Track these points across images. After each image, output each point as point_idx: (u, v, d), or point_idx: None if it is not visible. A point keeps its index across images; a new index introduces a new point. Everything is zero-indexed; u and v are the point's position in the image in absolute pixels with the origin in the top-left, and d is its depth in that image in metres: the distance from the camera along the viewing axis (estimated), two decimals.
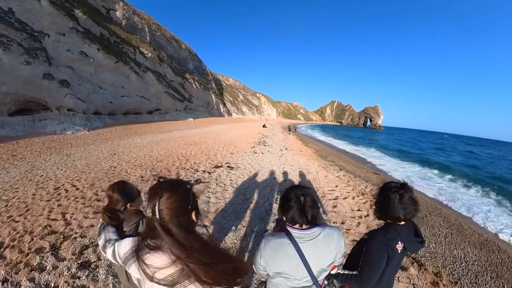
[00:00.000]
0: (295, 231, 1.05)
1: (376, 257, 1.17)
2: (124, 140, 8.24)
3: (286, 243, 1.04)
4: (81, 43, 12.99)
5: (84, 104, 11.64)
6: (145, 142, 8.43)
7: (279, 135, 18.36)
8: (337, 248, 1.10)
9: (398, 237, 1.18)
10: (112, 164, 5.01)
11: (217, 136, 12.47)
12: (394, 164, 11.93)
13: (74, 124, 10.15)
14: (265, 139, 13.90)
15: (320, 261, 1.08)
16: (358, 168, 8.37)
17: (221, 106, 49.18)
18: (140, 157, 5.68)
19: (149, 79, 20.31)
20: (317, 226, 1.07)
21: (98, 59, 13.81)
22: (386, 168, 10.34)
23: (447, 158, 17.53)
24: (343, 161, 9.59)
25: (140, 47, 20.69)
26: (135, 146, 7.35)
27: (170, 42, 29.26)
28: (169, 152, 6.63)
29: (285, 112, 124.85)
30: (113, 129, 11.10)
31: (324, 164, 7.69)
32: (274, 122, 56.88)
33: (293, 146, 11.55)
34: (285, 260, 1.05)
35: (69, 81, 11.30)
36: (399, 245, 1.18)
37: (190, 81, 33.65)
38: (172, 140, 9.27)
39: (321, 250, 1.07)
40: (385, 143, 29.56)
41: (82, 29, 13.56)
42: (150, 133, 11.36)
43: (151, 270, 0.71)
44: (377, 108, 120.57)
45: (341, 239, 1.12)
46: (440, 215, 4.24)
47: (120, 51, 16.78)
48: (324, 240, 1.06)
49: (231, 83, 73.26)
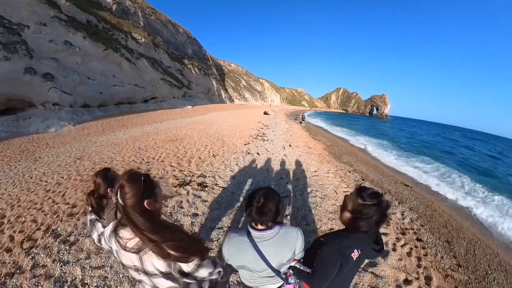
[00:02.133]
0: (254, 232, 1.13)
1: (329, 264, 1.15)
2: (104, 136, 7.84)
3: (245, 242, 1.13)
4: (65, 32, 12.47)
5: (70, 97, 11.41)
6: (125, 137, 7.76)
7: (282, 125, 15.82)
8: (296, 246, 1.19)
9: (354, 246, 1.16)
10: (61, 177, 4.23)
11: (208, 127, 11.12)
12: (433, 173, 8.55)
13: (59, 119, 9.99)
14: (265, 130, 11.90)
15: (278, 257, 1.15)
16: (383, 175, 6.52)
17: (223, 92, 48.30)
18: (100, 163, 4.94)
19: (143, 66, 19.75)
20: (276, 226, 1.14)
21: (84, 47, 13.33)
22: (420, 178, 7.39)
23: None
24: (362, 162, 7.74)
25: (133, 32, 19.91)
26: (109, 144, 6.73)
27: (166, 26, 28.10)
28: (136, 156, 5.54)
29: (289, 99, 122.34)
30: (100, 122, 10.78)
31: (341, 170, 5.95)
32: (278, 108, 55.68)
33: (298, 141, 9.65)
34: (245, 256, 1.14)
35: (53, 74, 10.96)
36: (355, 253, 1.15)
37: (189, 67, 32.78)
38: (154, 135, 8.32)
39: (279, 248, 1.15)
40: (393, 133, 27.97)
41: (65, 17, 12.95)
42: (137, 125, 10.79)
43: (124, 241, 0.92)
44: (384, 96, 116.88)
45: (299, 237, 1.20)
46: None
47: (110, 38, 16.17)
48: (282, 239, 1.15)
49: (233, 68, 71.27)
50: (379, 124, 50.71)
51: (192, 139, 8.00)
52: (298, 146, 8.33)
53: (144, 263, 0.93)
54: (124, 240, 0.93)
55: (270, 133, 11.10)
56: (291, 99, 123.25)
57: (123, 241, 0.93)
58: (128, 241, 0.92)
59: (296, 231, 1.21)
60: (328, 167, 5.95)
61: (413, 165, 9.39)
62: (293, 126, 16.51)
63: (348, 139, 15.78)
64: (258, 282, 1.26)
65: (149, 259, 0.92)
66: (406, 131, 36.10)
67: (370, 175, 6.08)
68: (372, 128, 34.44)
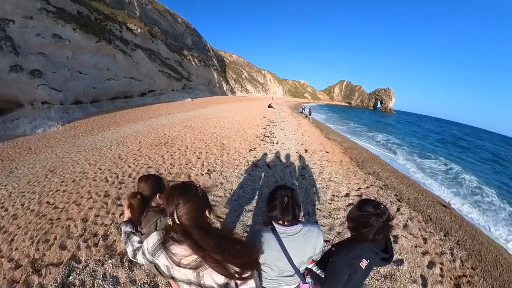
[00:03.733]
0: (279, 227, 1.18)
1: (338, 273, 1.23)
2: (91, 137, 7.31)
3: (271, 237, 1.18)
4: (53, 25, 11.87)
5: (60, 94, 10.97)
6: (112, 138, 7.09)
7: (290, 121, 14.37)
8: (317, 243, 1.23)
9: (363, 255, 1.22)
10: (22, 204, 3.47)
11: (207, 124, 9.81)
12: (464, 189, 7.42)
13: (48, 119, 9.61)
14: (273, 128, 10.38)
15: (300, 254, 1.21)
16: (416, 191, 5.41)
17: (224, 84, 47.41)
18: (68, 181, 4.12)
19: (139, 57, 19.10)
20: (299, 223, 1.21)
21: (75, 40, 12.76)
22: (452, 193, 6.37)
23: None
24: (389, 173, 6.45)
25: (128, 22, 19.13)
26: (91, 149, 5.99)
27: (164, 16, 27.08)
28: (111, 171, 4.59)
29: (292, 91, 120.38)
30: (92, 120, 10.31)
31: (372, 185, 4.92)
32: (281, 101, 54.46)
33: (313, 143, 8.31)
34: (269, 252, 1.17)
35: (41, 70, 10.47)
36: (363, 262, 1.21)
37: (189, 58, 31.93)
38: (143, 135, 7.46)
39: (302, 245, 1.20)
40: (405, 130, 26.41)
41: (53, 8, 12.30)
42: (130, 121, 10.15)
43: (178, 257, 0.86)
44: (389, 90, 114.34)
45: (320, 236, 1.24)
46: None
47: (103, 29, 15.49)
48: (305, 236, 1.20)
49: (235, 59, 69.58)
50: (386, 119, 49.62)
51: (184, 142, 6.90)
52: (315, 152, 7.00)
53: (201, 278, 0.89)
54: (178, 257, 0.87)
55: (278, 132, 9.62)
56: (293, 91, 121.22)
57: (176, 257, 0.87)
58: (182, 258, 0.87)
59: (318, 230, 1.26)
60: (357, 182, 5.00)
61: (439, 176, 8.44)
62: (301, 122, 15.04)
63: (357, 135, 14.87)
64: (274, 283, 1.29)
65: (209, 275, 0.88)
66: (424, 129, 34.13)
67: (403, 192, 5.03)
68: (380, 124, 33.58)
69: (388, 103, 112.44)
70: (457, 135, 34.66)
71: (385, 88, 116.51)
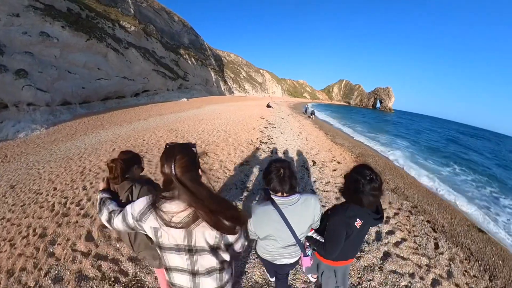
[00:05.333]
0: (277, 198, 1.23)
1: (336, 233, 1.34)
2: (68, 143, 6.81)
3: (271, 209, 1.23)
4: (41, 22, 11.46)
5: (46, 94, 10.55)
6: (88, 144, 6.55)
7: (291, 121, 13.20)
8: (315, 211, 1.30)
9: (357, 215, 1.32)
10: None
11: (196, 127, 8.97)
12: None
13: (33, 122, 9.17)
14: (271, 131, 9.12)
15: (300, 223, 1.27)
16: (448, 212, 4.58)
17: (222, 84, 46.99)
18: (14, 209, 3.42)
19: (132, 56, 18.68)
20: (296, 194, 1.26)
21: (63, 38, 12.33)
22: (484, 212, 5.32)
23: None
24: (413, 188, 5.51)
25: (121, 20, 18.68)
26: (62, 158, 5.34)
27: (160, 14, 26.61)
28: (64, 192, 3.82)
29: (291, 90, 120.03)
30: (78, 122, 9.86)
31: (399, 209, 4.07)
32: (280, 100, 53.79)
33: (320, 149, 7.15)
34: (271, 224, 1.24)
35: (27, 69, 10.05)
36: (358, 222, 1.31)
37: (185, 57, 31.52)
38: (122, 140, 6.79)
39: (301, 214, 1.26)
40: (412, 131, 24.38)
41: (41, 5, 11.88)
42: (116, 124, 9.57)
43: (168, 215, 0.85)
44: (388, 89, 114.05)
45: (317, 204, 1.31)
46: None
47: (94, 27, 15.07)
48: (303, 205, 1.26)
49: (233, 59, 69.07)
50: (387, 118, 49.18)
51: (160, 151, 5.70)
52: (325, 164, 5.73)
53: (193, 237, 0.88)
54: (170, 215, 0.85)
55: (278, 136, 8.32)
56: (292, 91, 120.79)
57: (167, 215, 0.85)
58: (174, 215, 0.85)
59: (315, 198, 1.31)
60: (383, 207, 3.89)
61: (468, 188, 7.18)
62: (303, 123, 13.80)
63: (372, 143, 12.69)
64: (278, 254, 1.36)
65: (201, 232, 0.88)
66: (435, 132, 30.63)
67: (436, 216, 4.19)
68: (383, 123, 32.98)
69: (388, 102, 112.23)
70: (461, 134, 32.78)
71: (384, 88, 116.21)
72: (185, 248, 0.89)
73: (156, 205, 0.86)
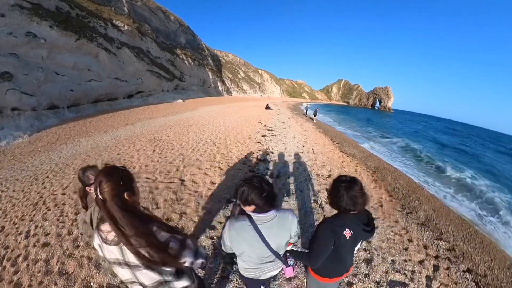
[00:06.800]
0: (254, 215, 1.23)
1: (322, 240, 1.31)
2: (44, 154, 6.20)
3: (247, 225, 1.22)
4: (28, 22, 10.97)
5: (32, 98, 10.08)
6: (61, 159, 5.85)
7: (292, 126, 12.12)
8: (292, 227, 1.29)
9: (346, 225, 1.31)
10: None
11: (181, 136, 7.95)
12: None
13: (16, 128, 8.65)
14: (270, 141, 7.95)
15: (277, 239, 1.26)
16: (488, 253, 3.73)
17: (219, 84, 46.52)
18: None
19: (125, 56, 18.18)
20: (272, 210, 1.24)
21: (51, 38, 11.86)
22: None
23: None
24: (447, 218, 4.65)
25: (114, 19, 18.18)
26: (28, 177, 4.72)
27: (155, 13, 26.06)
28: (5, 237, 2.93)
29: (290, 90, 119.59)
30: (63, 128, 9.29)
31: (438, 257, 3.26)
32: (279, 101, 53.20)
33: (332, 167, 6.05)
34: (247, 239, 1.23)
35: (12, 72, 9.57)
36: (347, 232, 1.30)
37: (182, 57, 31.00)
38: (95, 154, 6.02)
39: (277, 230, 1.25)
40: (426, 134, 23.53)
41: (28, 4, 11.39)
42: (101, 130, 8.92)
43: (105, 234, 0.92)
44: (387, 89, 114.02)
45: (294, 219, 1.31)
46: None
47: (84, 26, 14.57)
48: (280, 221, 1.25)
49: (231, 59, 68.46)
50: (388, 118, 48.60)
51: (142, 163, 5.23)
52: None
53: (125, 253, 0.92)
54: (105, 233, 0.93)
55: (279, 148, 7.09)
56: (291, 91, 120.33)
57: (104, 234, 0.93)
58: (108, 233, 0.92)
59: (292, 214, 1.32)
60: (417, 252, 3.22)
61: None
62: (305, 127, 12.84)
63: (383, 150, 11.71)
64: (258, 271, 1.35)
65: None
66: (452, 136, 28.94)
67: (475, 260, 3.41)
68: (386, 124, 32.30)
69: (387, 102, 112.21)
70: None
71: (383, 87, 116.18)
72: (124, 262, 0.93)
73: (98, 224, 0.96)
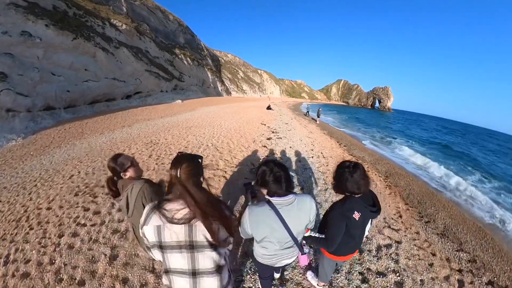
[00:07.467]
0: (274, 199, 1.24)
1: (336, 225, 1.44)
2: (36, 159, 5.89)
3: (268, 210, 1.23)
4: (23, 21, 10.73)
5: (27, 99, 9.84)
6: (53, 164, 5.52)
7: (297, 127, 11.59)
8: (311, 211, 1.32)
9: (355, 208, 1.42)
10: None
11: (180, 139, 7.39)
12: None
13: (10, 130, 8.40)
14: (277, 145, 7.23)
15: (297, 223, 1.28)
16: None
17: (219, 85, 46.31)
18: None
19: (123, 56, 17.94)
20: (291, 194, 1.27)
21: (47, 37, 11.63)
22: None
23: None
24: (464, 225, 4.41)
25: (112, 19, 17.95)
26: (16, 187, 4.28)
27: (154, 12, 25.82)
28: None
29: (289, 90, 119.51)
30: (58, 129, 9.00)
31: (460, 271, 3.01)
32: (278, 101, 52.80)
33: None
34: (268, 225, 1.25)
35: (6, 72, 9.33)
36: (356, 214, 1.42)
37: (181, 57, 30.78)
38: (88, 160, 5.59)
39: (297, 214, 1.27)
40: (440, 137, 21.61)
41: (25, 3, 11.16)
42: (97, 132, 8.63)
43: (171, 213, 0.97)
44: (387, 89, 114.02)
45: (313, 204, 1.33)
46: None
47: (81, 25, 14.34)
48: (299, 205, 1.27)
49: (230, 59, 68.25)
50: (389, 119, 48.20)
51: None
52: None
53: (194, 232, 0.97)
54: (172, 212, 0.97)
55: (287, 152, 6.57)
56: (290, 91, 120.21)
57: (170, 213, 0.97)
58: (176, 212, 0.97)
59: (310, 198, 1.34)
60: (442, 268, 2.91)
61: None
62: (310, 129, 12.42)
63: (392, 153, 11.11)
64: (277, 256, 1.38)
65: (200, 227, 0.97)
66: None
67: (496, 271, 3.24)
68: (388, 124, 31.87)
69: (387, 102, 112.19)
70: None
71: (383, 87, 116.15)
72: (186, 244, 0.98)
73: (160, 205, 1.00)
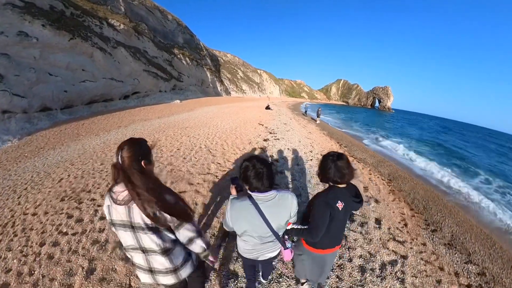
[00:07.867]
0: (255, 194, 1.26)
1: (320, 214, 1.43)
2: (30, 161, 5.84)
3: (249, 205, 1.26)
4: (19, 21, 10.70)
5: (24, 100, 9.80)
6: (44, 166, 5.47)
7: (296, 128, 11.37)
8: (292, 207, 1.34)
9: (338, 198, 1.45)
10: None
11: (174, 141, 7.17)
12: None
13: (6, 132, 8.37)
14: (274, 146, 6.98)
15: (278, 218, 1.31)
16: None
17: (218, 84, 46.22)
18: None
19: (121, 56, 17.89)
20: (272, 190, 1.29)
21: (44, 38, 11.59)
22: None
23: None
24: (471, 233, 4.18)
25: (110, 18, 17.89)
26: (7, 190, 4.18)
27: (152, 12, 25.74)
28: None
29: (289, 90, 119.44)
30: (54, 131, 8.95)
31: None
32: (278, 101, 52.72)
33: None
34: (249, 220, 1.27)
35: (2, 73, 9.29)
36: (340, 203, 1.44)
37: (179, 57, 30.71)
38: (79, 162, 5.48)
39: (278, 210, 1.30)
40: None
41: (21, 3, 11.13)
42: (93, 133, 8.58)
43: (116, 194, 1.04)
44: (387, 88, 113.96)
45: (294, 200, 1.35)
46: None
47: (79, 25, 14.29)
48: (280, 201, 1.30)
49: (229, 59, 68.12)
50: (390, 118, 47.74)
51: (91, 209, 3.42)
52: (362, 213, 3.81)
53: (131, 213, 1.04)
54: (117, 194, 1.04)
55: (285, 155, 6.25)
56: (290, 91, 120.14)
57: (115, 195, 1.04)
58: (119, 194, 1.04)
59: (292, 195, 1.36)
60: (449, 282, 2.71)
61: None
62: (309, 129, 12.19)
63: (395, 154, 10.84)
64: (258, 251, 1.41)
65: (136, 209, 1.03)
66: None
67: (506, 284, 3.14)
68: (390, 125, 30.91)
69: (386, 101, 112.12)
70: None
71: (383, 87, 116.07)
72: (128, 224, 1.06)
73: (111, 188, 1.08)
